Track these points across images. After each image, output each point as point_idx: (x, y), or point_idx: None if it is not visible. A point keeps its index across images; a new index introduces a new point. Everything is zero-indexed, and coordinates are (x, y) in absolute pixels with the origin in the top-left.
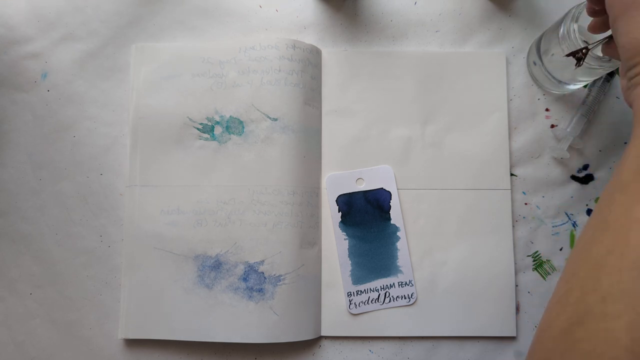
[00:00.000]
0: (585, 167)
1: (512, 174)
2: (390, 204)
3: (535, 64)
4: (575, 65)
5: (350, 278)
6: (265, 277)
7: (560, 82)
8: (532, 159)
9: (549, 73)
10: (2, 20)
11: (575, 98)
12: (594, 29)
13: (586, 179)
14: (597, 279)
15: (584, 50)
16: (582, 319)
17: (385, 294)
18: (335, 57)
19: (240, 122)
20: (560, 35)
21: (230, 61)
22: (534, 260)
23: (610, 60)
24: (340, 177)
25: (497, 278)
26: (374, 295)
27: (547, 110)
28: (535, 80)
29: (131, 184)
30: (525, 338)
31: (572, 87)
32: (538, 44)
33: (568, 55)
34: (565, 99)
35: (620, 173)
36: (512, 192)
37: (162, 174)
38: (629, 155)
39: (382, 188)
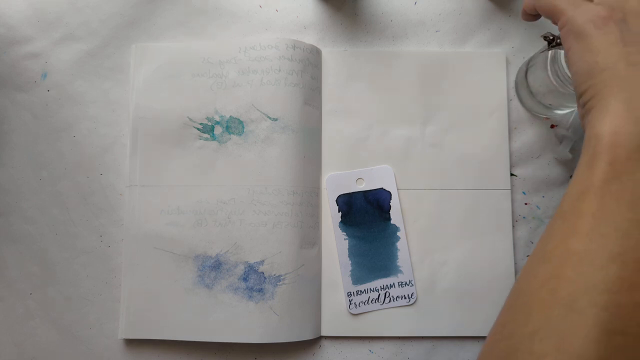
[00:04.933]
0: None
1: (512, 174)
2: (390, 204)
3: (522, 87)
4: (546, 48)
5: (350, 278)
6: (265, 277)
7: (548, 106)
8: (532, 159)
9: (534, 97)
10: (2, 20)
11: (575, 98)
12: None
13: None
14: (529, 313)
15: (558, 40)
16: (511, 355)
17: (385, 294)
18: (335, 57)
19: (240, 122)
20: (549, 59)
21: (230, 61)
22: None
23: None
24: (340, 177)
25: (497, 278)
26: (374, 295)
27: None
28: (522, 102)
29: (131, 184)
30: None
31: (560, 112)
32: (526, 66)
33: (542, 36)
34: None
35: (562, 201)
36: (512, 192)
37: (162, 174)
38: (572, 182)
39: (382, 188)
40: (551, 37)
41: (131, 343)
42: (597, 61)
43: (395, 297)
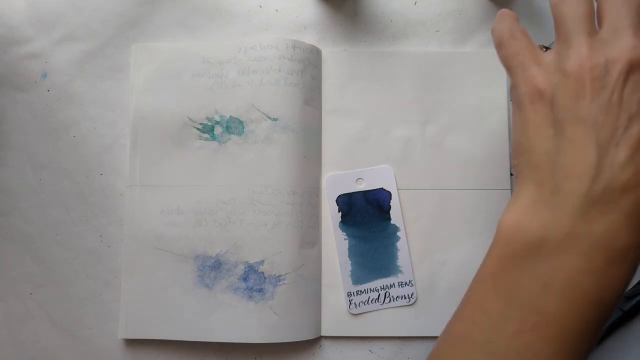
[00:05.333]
0: None
1: (512, 174)
2: (390, 204)
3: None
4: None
5: (350, 278)
6: (265, 277)
7: None
8: None
9: None
10: (2, 20)
11: None
12: None
13: None
14: None
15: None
16: None
17: (385, 294)
18: (335, 57)
19: (240, 122)
20: None
21: (230, 61)
22: None
23: None
24: (340, 177)
25: None
26: (374, 295)
27: None
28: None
29: (131, 184)
30: None
31: None
32: None
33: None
34: None
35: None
36: (512, 192)
37: (162, 174)
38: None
39: (382, 188)
40: (544, 49)
41: (131, 343)
42: (523, 140)
43: (395, 297)
